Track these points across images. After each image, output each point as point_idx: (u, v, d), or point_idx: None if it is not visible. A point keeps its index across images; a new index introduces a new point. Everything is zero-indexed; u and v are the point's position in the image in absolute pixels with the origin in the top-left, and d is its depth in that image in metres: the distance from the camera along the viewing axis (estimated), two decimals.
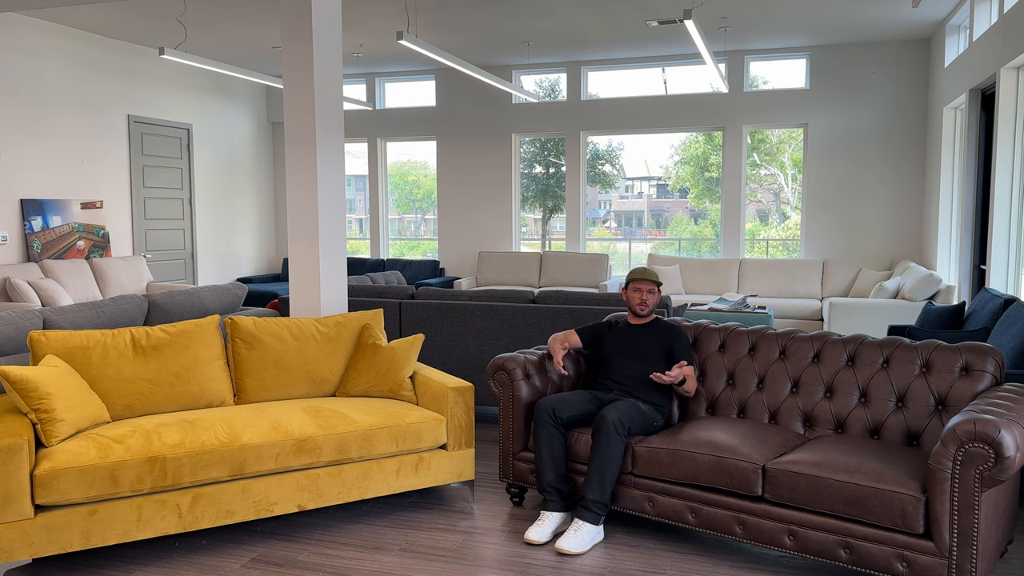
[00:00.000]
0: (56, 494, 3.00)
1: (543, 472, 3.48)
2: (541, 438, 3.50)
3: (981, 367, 3.22)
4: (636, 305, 3.77)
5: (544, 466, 3.48)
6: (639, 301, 3.77)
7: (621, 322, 3.87)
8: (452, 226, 11.23)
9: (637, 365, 3.73)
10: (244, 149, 11.24)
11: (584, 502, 3.34)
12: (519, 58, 10.24)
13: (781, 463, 3.03)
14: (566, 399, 3.56)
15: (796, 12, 7.90)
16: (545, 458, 3.48)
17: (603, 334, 3.87)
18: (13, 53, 7.83)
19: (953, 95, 7.85)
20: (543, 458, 3.48)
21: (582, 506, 3.34)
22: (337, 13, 4.73)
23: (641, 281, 3.77)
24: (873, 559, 2.81)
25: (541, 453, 3.49)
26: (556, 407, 3.51)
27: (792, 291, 9.32)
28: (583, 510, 3.33)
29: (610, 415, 3.36)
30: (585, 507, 3.33)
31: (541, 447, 3.49)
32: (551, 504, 3.45)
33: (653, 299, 3.78)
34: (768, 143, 18.97)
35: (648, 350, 3.76)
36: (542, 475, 3.48)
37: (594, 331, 3.89)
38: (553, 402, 3.52)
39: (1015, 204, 6.33)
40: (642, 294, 3.76)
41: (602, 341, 3.86)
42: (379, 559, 3.26)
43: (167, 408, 3.67)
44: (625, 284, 3.81)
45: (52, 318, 4.04)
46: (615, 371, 3.78)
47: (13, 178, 7.88)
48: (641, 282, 3.77)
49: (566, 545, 3.26)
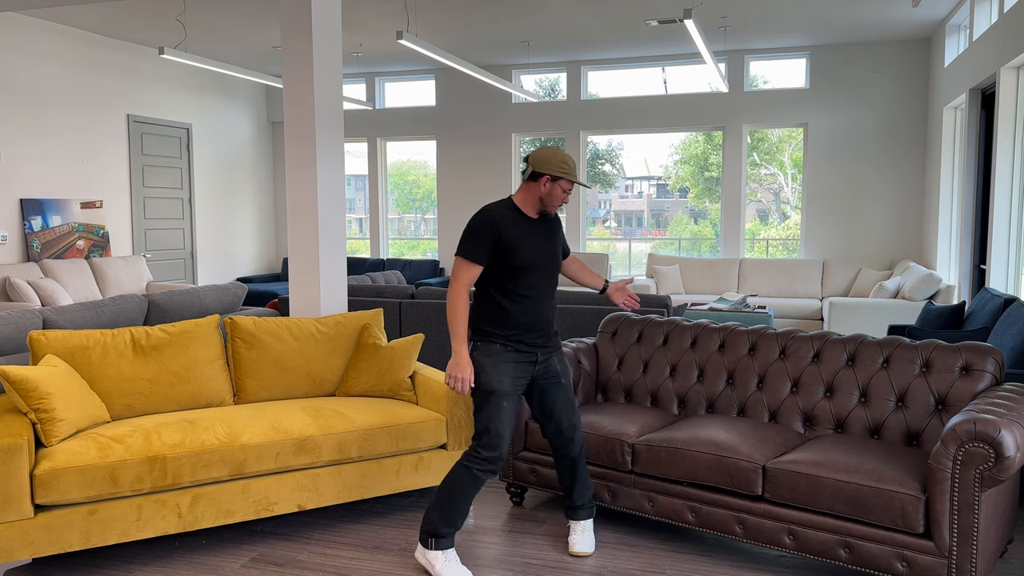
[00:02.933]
0: (56, 494, 3.00)
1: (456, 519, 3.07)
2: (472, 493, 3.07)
3: (981, 367, 3.22)
4: (555, 206, 3.10)
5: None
6: (560, 203, 3.12)
7: (508, 215, 3.05)
8: (452, 226, 11.23)
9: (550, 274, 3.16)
10: (244, 149, 11.24)
11: (585, 504, 3.33)
12: (519, 58, 10.24)
13: (781, 463, 3.03)
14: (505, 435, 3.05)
15: (796, 12, 7.90)
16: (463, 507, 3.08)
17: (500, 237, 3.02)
18: (13, 53, 7.82)
19: (953, 95, 7.85)
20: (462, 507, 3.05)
21: (583, 507, 3.32)
22: (337, 13, 4.73)
23: (574, 182, 3.14)
24: (873, 559, 2.81)
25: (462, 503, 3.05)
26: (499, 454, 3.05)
27: (792, 291, 9.32)
28: (584, 510, 3.33)
29: (579, 437, 3.26)
30: (585, 507, 3.33)
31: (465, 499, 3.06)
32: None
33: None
34: (768, 143, 18.97)
35: (551, 251, 3.17)
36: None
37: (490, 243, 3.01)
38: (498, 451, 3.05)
39: (1015, 204, 6.32)
40: (567, 195, 3.13)
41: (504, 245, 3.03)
42: (379, 559, 3.26)
43: (167, 408, 3.67)
44: (553, 176, 3.04)
45: (52, 318, 4.04)
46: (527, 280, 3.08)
47: (13, 178, 7.88)
48: (573, 183, 3.15)
49: (585, 548, 3.27)
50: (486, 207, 3.05)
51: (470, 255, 2.99)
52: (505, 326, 3.06)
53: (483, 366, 3.04)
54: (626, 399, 4.07)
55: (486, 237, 2.99)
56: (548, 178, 3.05)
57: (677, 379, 3.92)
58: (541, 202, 3.09)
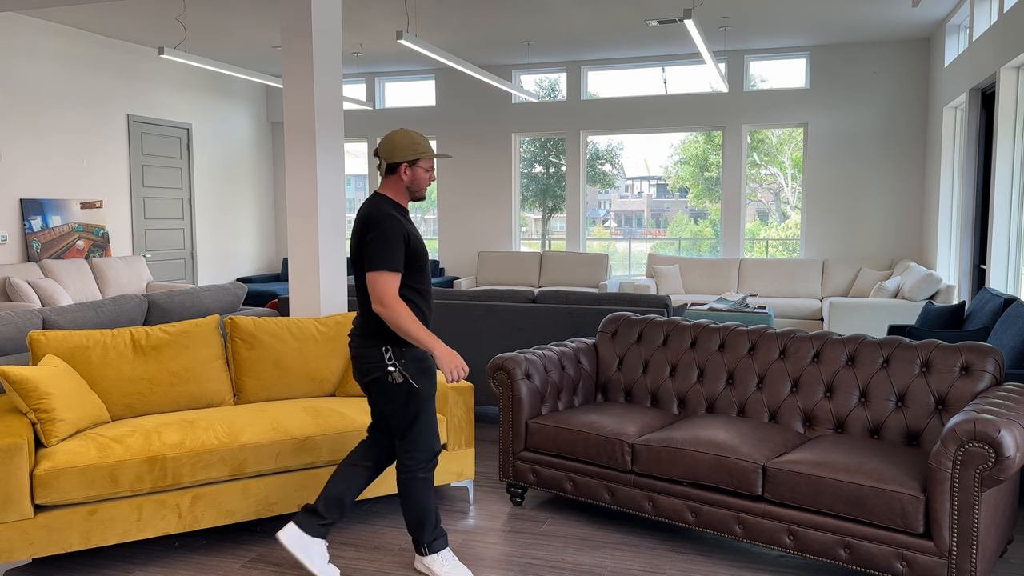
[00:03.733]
0: (56, 494, 3.00)
1: (436, 520, 3.06)
2: (432, 493, 3.05)
3: (981, 367, 3.22)
4: (425, 189, 2.98)
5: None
6: (428, 184, 2.99)
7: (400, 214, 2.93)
8: (452, 226, 11.23)
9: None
10: (244, 149, 11.24)
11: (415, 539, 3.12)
12: (519, 58, 10.24)
13: (781, 463, 3.03)
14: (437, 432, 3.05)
15: (796, 12, 7.90)
16: (434, 508, 3.05)
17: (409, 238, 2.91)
18: (13, 53, 7.82)
19: (953, 95, 7.85)
20: (434, 508, 3.05)
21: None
22: (337, 13, 4.73)
23: (433, 159, 2.98)
24: (873, 559, 2.81)
25: (432, 506, 3.03)
26: (438, 449, 3.06)
27: (792, 291, 9.32)
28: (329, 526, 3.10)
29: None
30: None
31: (432, 501, 3.04)
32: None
33: None
34: (768, 143, 18.97)
35: None
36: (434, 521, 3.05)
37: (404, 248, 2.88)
38: (438, 447, 3.06)
39: (1015, 204, 6.32)
40: (432, 174, 2.99)
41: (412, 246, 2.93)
42: (379, 559, 3.26)
43: (167, 408, 3.67)
44: (411, 160, 2.90)
45: (52, 318, 4.04)
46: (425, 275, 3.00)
47: (13, 178, 7.88)
48: (433, 160, 2.99)
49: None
50: (384, 211, 2.85)
51: (394, 265, 2.82)
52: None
53: (417, 374, 2.93)
54: (626, 399, 4.07)
55: (401, 242, 2.85)
56: (405, 165, 2.90)
57: (677, 379, 3.92)
58: (409, 191, 2.95)
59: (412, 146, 2.89)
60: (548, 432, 3.64)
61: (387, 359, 2.91)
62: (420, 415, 2.97)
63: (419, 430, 2.98)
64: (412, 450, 2.99)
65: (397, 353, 2.91)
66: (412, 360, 2.93)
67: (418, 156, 2.90)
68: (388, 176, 2.94)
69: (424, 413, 2.98)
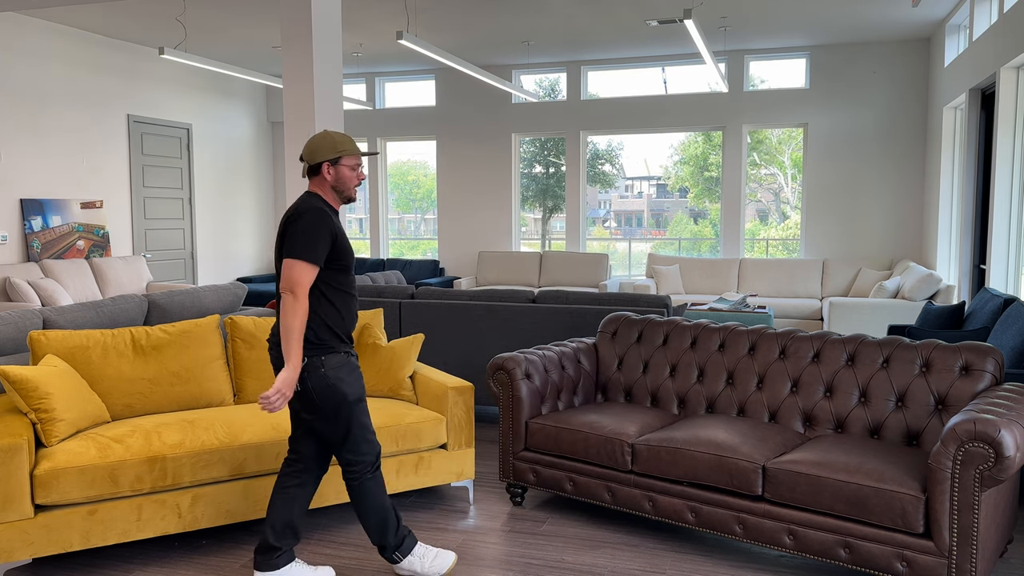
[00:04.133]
0: (56, 494, 3.00)
1: (399, 518, 3.02)
2: (385, 490, 2.98)
3: (981, 367, 3.22)
4: (354, 188, 2.90)
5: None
6: (358, 182, 2.91)
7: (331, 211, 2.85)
8: (452, 226, 11.23)
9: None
10: (244, 149, 11.24)
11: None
12: (519, 58, 10.24)
13: (781, 463, 3.03)
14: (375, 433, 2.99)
15: (796, 12, 7.90)
16: (392, 506, 3.01)
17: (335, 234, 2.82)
18: (13, 53, 7.82)
19: (953, 95, 7.85)
20: (392, 506, 3.00)
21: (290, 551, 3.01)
22: (337, 13, 4.73)
23: (359, 156, 2.89)
24: (873, 559, 2.81)
25: (389, 504, 2.98)
26: (380, 448, 2.99)
27: (792, 291, 9.32)
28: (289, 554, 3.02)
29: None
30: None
31: (387, 499, 2.97)
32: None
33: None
34: (768, 143, 18.97)
35: None
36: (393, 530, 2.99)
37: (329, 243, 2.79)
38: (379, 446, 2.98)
39: (1015, 204, 6.32)
40: (359, 172, 2.91)
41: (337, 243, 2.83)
42: (379, 559, 3.26)
43: (167, 408, 3.67)
44: (332, 159, 2.83)
45: (52, 318, 4.04)
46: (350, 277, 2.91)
47: (13, 178, 7.88)
48: (359, 157, 2.90)
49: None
50: (313, 204, 2.77)
51: (312, 257, 2.71)
52: (343, 329, 2.85)
53: (343, 380, 2.81)
54: (626, 399, 4.07)
55: (326, 236, 2.74)
56: (327, 164, 2.82)
57: (677, 379, 3.92)
58: (336, 191, 2.86)
59: (332, 145, 2.82)
60: (548, 432, 3.64)
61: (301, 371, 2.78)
62: (354, 419, 2.85)
63: (357, 434, 2.86)
64: (356, 455, 2.88)
65: (316, 362, 2.77)
66: (334, 366, 2.79)
67: (339, 155, 2.82)
68: (313, 178, 2.87)
69: (359, 415, 2.86)
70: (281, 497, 2.95)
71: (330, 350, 2.81)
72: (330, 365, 2.79)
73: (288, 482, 2.96)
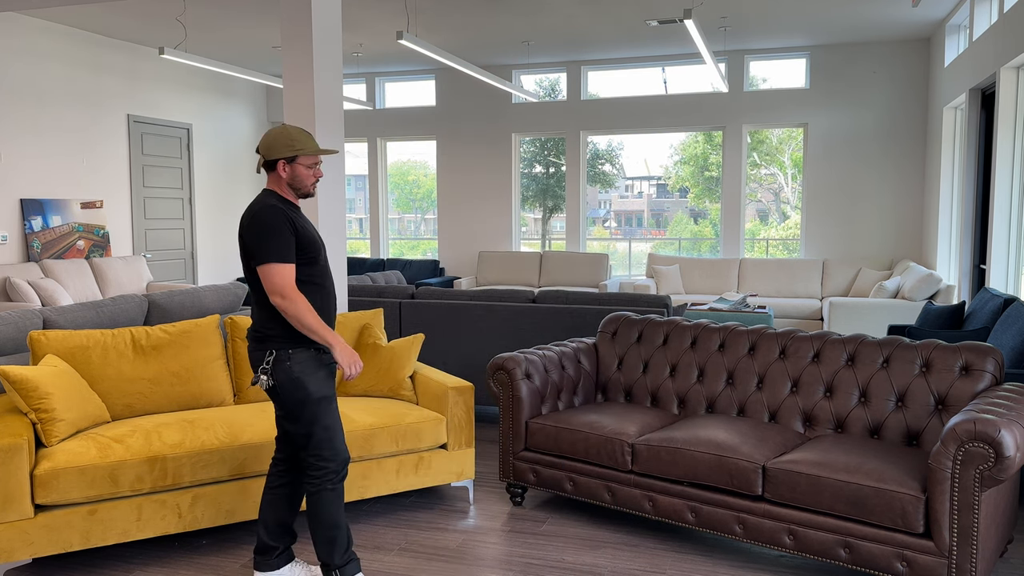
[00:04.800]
0: (56, 494, 3.00)
1: (348, 540, 2.89)
2: (342, 508, 2.87)
3: (981, 367, 3.22)
4: (311, 185, 2.86)
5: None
6: (315, 179, 2.87)
7: (286, 207, 2.81)
8: (452, 226, 11.23)
9: (326, 259, 2.96)
10: (244, 149, 11.24)
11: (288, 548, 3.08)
12: (519, 58, 10.24)
13: (781, 462, 3.03)
14: (343, 437, 2.89)
15: (796, 12, 7.90)
16: (346, 525, 2.89)
17: (296, 228, 2.79)
18: (13, 53, 7.82)
19: (953, 95, 7.85)
20: (345, 526, 2.88)
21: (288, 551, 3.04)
22: (337, 13, 4.73)
23: (317, 154, 2.84)
24: (873, 559, 2.81)
25: (343, 523, 2.86)
26: (347, 457, 2.88)
27: (792, 291, 9.32)
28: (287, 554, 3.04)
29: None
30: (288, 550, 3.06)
31: (343, 518, 2.87)
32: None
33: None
34: (768, 143, 18.97)
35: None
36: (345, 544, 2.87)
37: (292, 238, 2.76)
38: (346, 455, 2.88)
39: (1015, 204, 6.32)
40: (317, 170, 2.87)
41: (300, 236, 2.80)
42: (379, 559, 3.26)
43: (167, 408, 3.67)
44: (288, 157, 2.79)
45: (52, 318, 4.04)
46: (319, 267, 2.86)
47: (13, 178, 7.88)
48: (317, 155, 2.85)
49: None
50: (268, 204, 2.74)
51: (281, 256, 2.69)
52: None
53: (307, 374, 2.75)
54: (626, 399, 4.07)
55: (287, 233, 2.72)
56: (283, 162, 2.79)
57: (677, 379, 3.92)
58: (292, 188, 2.83)
59: (288, 143, 2.78)
60: (548, 432, 3.64)
61: (264, 362, 2.75)
62: (318, 419, 2.78)
63: (320, 436, 2.78)
64: (318, 459, 2.80)
65: (283, 355, 2.74)
66: (300, 361, 2.75)
67: (295, 153, 2.78)
68: (269, 173, 2.84)
69: (323, 415, 2.79)
70: (269, 497, 2.96)
71: (297, 344, 2.76)
72: (296, 359, 2.75)
73: (275, 481, 2.96)
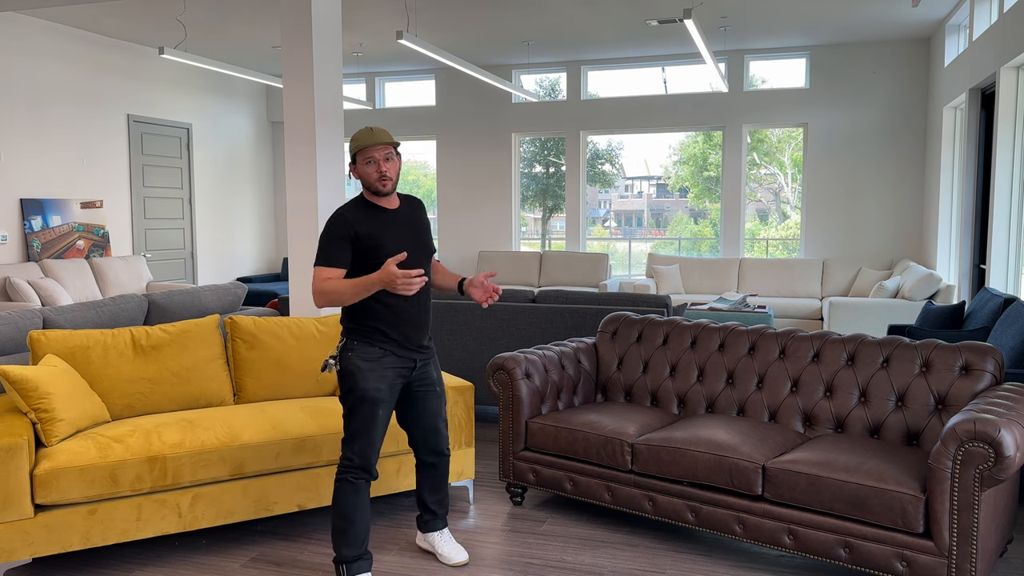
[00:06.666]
0: (56, 494, 3.00)
1: (360, 538, 2.94)
2: (361, 505, 2.92)
3: (981, 366, 3.22)
4: (376, 181, 2.86)
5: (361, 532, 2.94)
6: (378, 175, 2.86)
7: (359, 211, 2.88)
8: (452, 226, 11.23)
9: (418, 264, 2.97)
10: (244, 149, 11.24)
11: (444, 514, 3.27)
12: (519, 58, 10.24)
13: (781, 462, 3.03)
14: (377, 444, 2.92)
15: (796, 12, 7.90)
16: (361, 523, 2.93)
17: (356, 234, 2.84)
18: (13, 53, 7.82)
19: (953, 95, 7.85)
20: (361, 523, 2.93)
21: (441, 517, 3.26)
22: (337, 13, 4.73)
23: (373, 148, 2.84)
24: (873, 558, 2.81)
25: (358, 519, 2.91)
26: (372, 462, 2.92)
27: (792, 291, 9.32)
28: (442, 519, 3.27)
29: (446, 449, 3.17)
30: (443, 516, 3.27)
31: (358, 514, 2.91)
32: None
33: (394, 168, 2.88)
34: (768, 142, 18.97)
35: (418, 238, 2.98)
36: (358, 542, 2.93)
37: (348, 245, 2.84)
38: (371, 459, 2.91)
39: (1015, 204, 6.32)
40: (379, 165, 2.85)
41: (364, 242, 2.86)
42: (379, 559, 3.26)
43: (167, 408, 3.67)
44: (352, 159, 2.90)
45: (52, 318, 4.04)
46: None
47: (13, 178, 7.88)
48: (373, 148, 2.84)
49: (462, 556, 3.21)
50: (338, 209, 2.89)
51: (325, 260, 2.81)
52: (385, 323, 2.88)
53: (361, 370, 2.84)
54: (626, 399, 4.07)
55: (338, 240, 2.82)
56: (351, 164, 2.92)
57: (677, 379, 3.92)
58: (365, 187, 2.91)
59: (352, 144, 2.88)
60: (548, 432, 3.64)
61: (338, 348, 2.93)
62: (355, 413, 2.86)
63: (353, 430, 2.87)
64: (345, 449, 2.90)
65: (349, 345, 2.89)
66: (361, 356, 2.86)
67: (355, 151, 2.87)
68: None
69: (360, 414, 2.85)
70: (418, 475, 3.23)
71: (366, 339, 2.89)
72: (358, 353, 2.88)
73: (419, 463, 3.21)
